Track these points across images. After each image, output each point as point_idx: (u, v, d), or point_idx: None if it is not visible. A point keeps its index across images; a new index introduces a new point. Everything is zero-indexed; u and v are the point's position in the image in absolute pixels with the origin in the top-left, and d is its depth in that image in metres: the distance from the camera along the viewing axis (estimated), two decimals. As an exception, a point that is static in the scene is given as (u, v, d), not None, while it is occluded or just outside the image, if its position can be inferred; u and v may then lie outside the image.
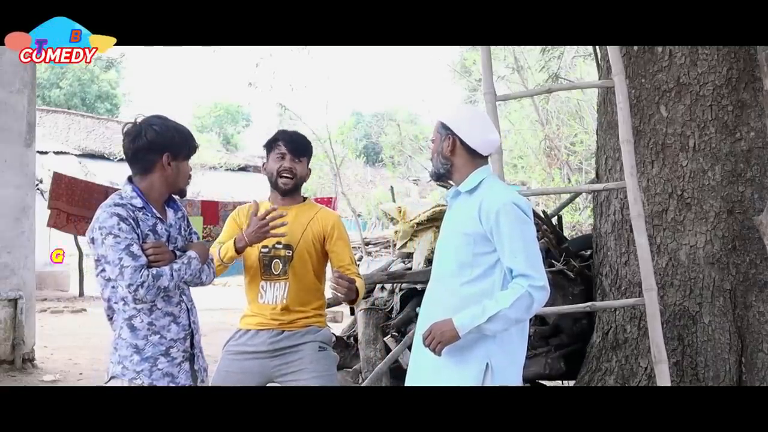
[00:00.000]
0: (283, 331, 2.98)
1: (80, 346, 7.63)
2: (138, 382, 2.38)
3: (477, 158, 2.54)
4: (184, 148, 2.47)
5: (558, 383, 4.59)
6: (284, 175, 3.01)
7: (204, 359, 2.61)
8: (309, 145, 3.11)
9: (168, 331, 2.43)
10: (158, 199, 2.49)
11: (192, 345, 2.51)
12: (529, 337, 4.08)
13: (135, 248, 2.34)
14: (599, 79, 4.58)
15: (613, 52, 3.61)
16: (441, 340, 2.38)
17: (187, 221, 2.64)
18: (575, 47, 11.52)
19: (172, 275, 2.37)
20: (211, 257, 2.63)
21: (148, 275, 2.32)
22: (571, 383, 4.32)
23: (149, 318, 2.41)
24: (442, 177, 2.59)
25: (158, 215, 2.47)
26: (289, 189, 3.04)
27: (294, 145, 3.03)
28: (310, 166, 3.12)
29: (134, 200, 2.42)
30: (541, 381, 4.37)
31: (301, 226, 3.03)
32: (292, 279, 2.99)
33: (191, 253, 2.48)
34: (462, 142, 2.51)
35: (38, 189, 9.25)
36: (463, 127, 2.51)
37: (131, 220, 2.37)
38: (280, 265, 2.99)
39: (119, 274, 2.31)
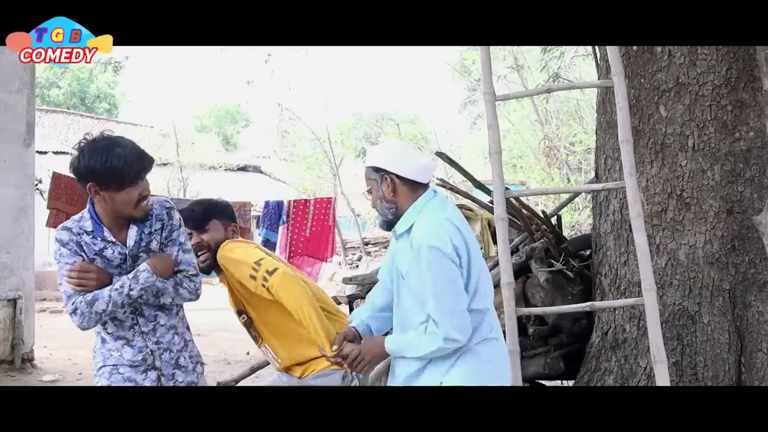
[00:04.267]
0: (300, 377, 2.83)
1: (79, 346, 7.62)
2: (95, 381, 2.39)
3: (419, 189, 2.42)
4: (110, 182, 2.25)
5: (557, 383, 4.59)
6: (199, 254, 2.78)
7: (187, 374, 2.47)
8: (204, 214, 2.83)
9: (124, 353, 2.38)
10: (111, 222, 2.36)
11: (154, 365, 2.40)
12: (529, 337, 4.13)
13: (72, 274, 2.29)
14: (598, 78, 4.58)
15: (613, 52, 3.61)
16: (365, 357, 2.43)
17: (170, 230, 2.44)
18: (575, 47, 11.52)
19: (109, 296, 2.26)
20: (192, 271, 2.44)
21: (81, 302, 2.25)
22: (571, 383, 4.32)
23: (111, 337, 2.38)
24: (393, 223, 2.44)
25: (111, 239, 2.35)
26: (208, 266, 2.84)
27: (191, 222, 2.77)
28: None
29: (85, 222, 2.35)
30: (540, 381, 4.37)
31: (229, 286, 2.84)
32: (268, 339, 2.81)
33: (141, 266, 2.31)
34: (400, 178, 2.39)
35: (37, 189, 9.26)
36: (395, 161, 2.39)
37: (73, 244, 2.30)
38: (253, 332, 2.88)
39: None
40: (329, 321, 2.68)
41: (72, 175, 2.31)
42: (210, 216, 2.85)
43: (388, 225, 2.45)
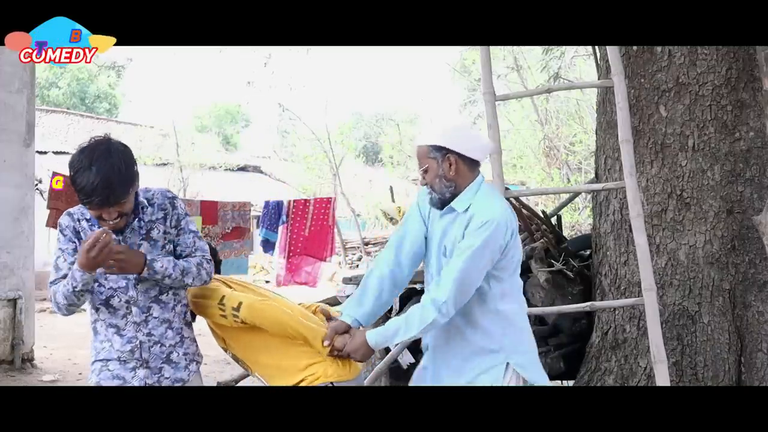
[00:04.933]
0: None
1: (79, 346, 7.61)
2: (88, 376, 2.40)
3: (476, 168, 2.46)
4: (78, 195, 2.26)
5: (557, 383, 4.59)
6: None
7: (176, 371, 2.45)
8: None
9: (114, 342, 2.38)
10: None
11: (142, 358, 2.38)
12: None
13: (60, 261, 2.34)
14: (598, 78, 4.58)
15: (613, 52, 3.61)
16: (355, 357, 2.47)
17: (177, 220, 2.42)
18: (575, 47, 11.52)
19: (62, 291, 2.28)
20: (208, 256, 2.45)
21: (52, 290, 2.32)
22: (571, 383, 4.32)
23: (103, 325, 2.40)
24: (448, 201, 2.44)
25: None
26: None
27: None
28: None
29: (84, 209, 2.36)
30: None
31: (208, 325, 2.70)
32: (259, 369, 2.59)
33: (75, 264, 2.24)
34: (461, 157, 2.40)
35: (37, 189, 9.25)
36: (458, 140, 2.40)
37: (69, 231, 2.35)
38: (242, 365, 2.68)
39: None
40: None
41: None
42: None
43: (443, 204, 2.46)
